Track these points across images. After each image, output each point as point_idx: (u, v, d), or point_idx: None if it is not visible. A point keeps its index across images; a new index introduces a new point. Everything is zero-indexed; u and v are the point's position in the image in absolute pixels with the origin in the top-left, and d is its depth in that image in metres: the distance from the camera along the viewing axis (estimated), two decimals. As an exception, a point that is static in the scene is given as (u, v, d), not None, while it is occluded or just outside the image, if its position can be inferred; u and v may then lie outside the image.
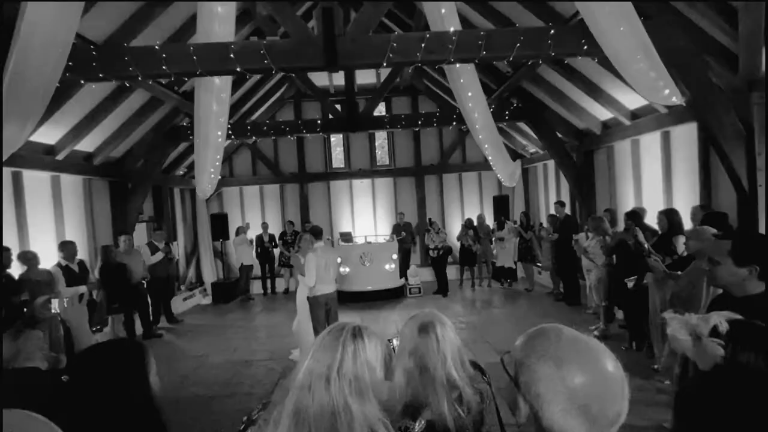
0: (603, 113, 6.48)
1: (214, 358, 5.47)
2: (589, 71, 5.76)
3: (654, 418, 3.22)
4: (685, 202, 5.13)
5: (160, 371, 1.15)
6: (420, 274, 8.65)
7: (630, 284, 4.79)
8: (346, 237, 9.22)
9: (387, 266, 8.16)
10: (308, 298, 4.81)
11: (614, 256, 5.24)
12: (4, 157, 3.63)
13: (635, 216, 5.01)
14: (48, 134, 5.40)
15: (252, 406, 4.01)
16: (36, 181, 5.57)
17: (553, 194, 8.68)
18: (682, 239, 4.06)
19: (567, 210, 7.38)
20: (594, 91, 5.98)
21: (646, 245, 4.31)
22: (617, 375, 0.71)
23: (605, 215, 5.92)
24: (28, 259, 4.64)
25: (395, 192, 10.39)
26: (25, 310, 4.11)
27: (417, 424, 1.22)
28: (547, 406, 0.69)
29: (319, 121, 7.75)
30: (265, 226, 9.36)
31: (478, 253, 8.63)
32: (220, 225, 8.99)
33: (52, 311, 1.66)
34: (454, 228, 9.49)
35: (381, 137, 10.59)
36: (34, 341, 2.16)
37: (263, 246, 9.13)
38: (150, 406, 0.93)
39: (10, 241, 4.94)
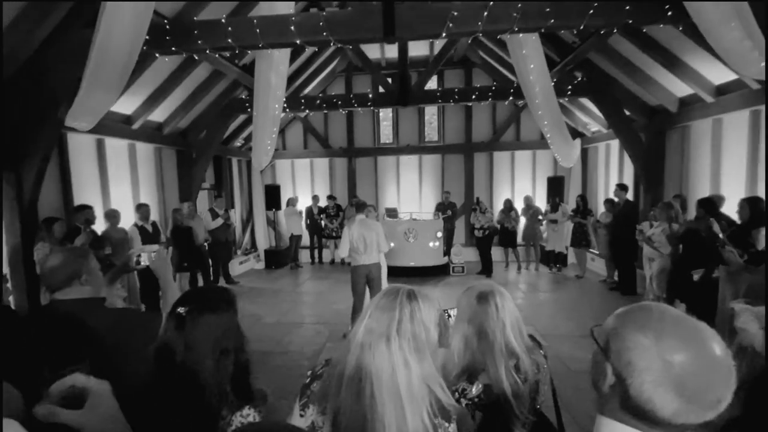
0: (681, 89, 5.86)
1: (267, 319, 5.88)
2: (669, 41, 5.19)
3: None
4: (773, 190, 4.60)
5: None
6: (464, 254, 8.59)
7: (696, 276, 4.47)
8: (392, 213, 9.31)
9: (431, 243, 8.18)
10: (351, 266, 5.02)
11: (681, 246, 4.88)
12: (94, 125, 4.03)
13: (710, 204, 4.60)
14: (126, 105, 5.88)
15: (303, 363, 4.29)
16: (116, 148, 6.14)
17: (614, 177, 8.12)
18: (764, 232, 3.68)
19: (630, 195, 6.90)
20: (673, 64, 5.40)
21: (721, 235, 3.95)
22: (724, 361, 0.67)
23: (675, 201, 5.47)
24: (113, 216, 5.20)
25: (443, 169, 10.23)
26: (109, 263, 4.66)
27: (474, 387, 1.26)
28: (638, 375, 0.68)
29: (370, 95, 7.73)
30: (315, 198, 9.71)
31: (525, 234, 8.44)
32: (272, 195, 9.43)
33: (142, 264, 1.86)
34: (504, 208, 9.26)
35: (430, 112, 10.36)
36: (117, 290, 2.46)
37: (312, 217, 9.48)
38: (243, 343, 1.07)
39: (95, 200, 5.55)
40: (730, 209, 4.73)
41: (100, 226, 5.15)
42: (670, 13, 3.60)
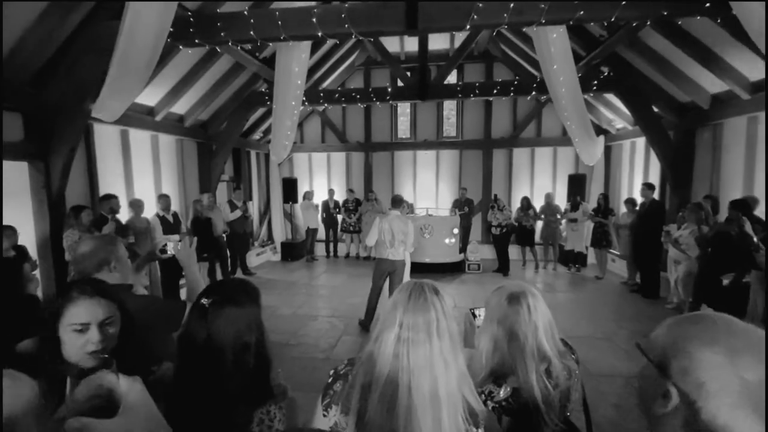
0: (715, 85, 5.60)
1: (282, 310, 5.94)
2: (703, 34, 4.96)
3: None
4: (813, 192, 4.37)
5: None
6: (480, 251, 8.48)
7: (725, 281, 4.30)
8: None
9: (447, 240, 8.10)
10: (375, 259, 5.06)
11: (709, 249, 4.69)
12: (119, 116, 4.10)
13: (744, 206, 4.40)
14: (149, 96, 5.98)
15: (317, 356, 4.31)
16: (140, 139, 6.26)
17: (639, 176, 7.86)
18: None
19: (656, 195, 6.68)
20: (706, 59, 5.16)
21: (754, 238, 3.78)
22: None
23: (705, 202, 5.26)
24: (137, 206, 5.32)
25: (460, 165, 10.10)
26: (132, 251, 4.77)
27: (502, 389, 1.22)
28: (712, 398, 0.61)
29: (389, 89, 7.66)
30: (331, 192, 9.73)
31: (543, 233, 8.29)
32: (290, 188, 9.49)
33: (168, 253, 1.88)
34: (522, 206, 9.09)
35: (449, 107, 10.22)
36: (141, 278, 2.51)
37: (328, 211, 9.52)
38: (265, 339, 1.06)
39: (119, 190, 5.67)
40: (765, 212, 4.52)
41: (123, 215, 5.28)
42: (708, 5, 3.43)
